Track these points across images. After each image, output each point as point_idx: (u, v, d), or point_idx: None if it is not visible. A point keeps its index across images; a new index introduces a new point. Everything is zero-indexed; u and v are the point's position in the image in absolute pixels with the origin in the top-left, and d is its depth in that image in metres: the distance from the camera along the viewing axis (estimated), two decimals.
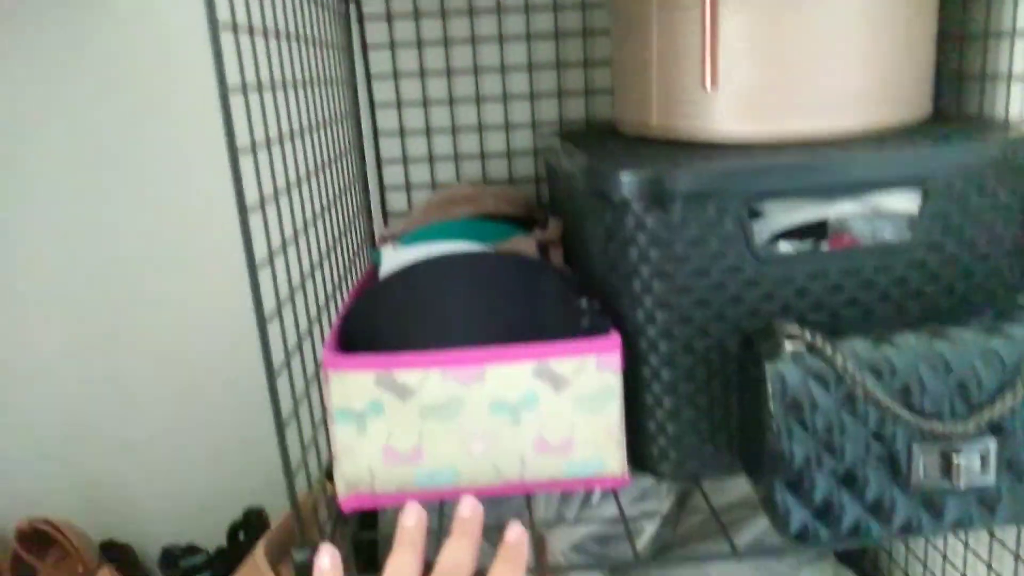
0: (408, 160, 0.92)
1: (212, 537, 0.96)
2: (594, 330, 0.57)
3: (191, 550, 0.94)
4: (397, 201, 0.94)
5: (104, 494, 1.04)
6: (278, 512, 0.95)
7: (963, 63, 0.70)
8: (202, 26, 0.89)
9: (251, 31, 0.47)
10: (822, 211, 0.58)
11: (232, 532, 0.93)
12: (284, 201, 0.53)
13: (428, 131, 0.92)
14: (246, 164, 0.51)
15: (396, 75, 0.90)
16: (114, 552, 1.01)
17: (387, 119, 0.91)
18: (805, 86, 0.58)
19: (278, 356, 0.50)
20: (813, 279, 0.57)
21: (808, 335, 0.52)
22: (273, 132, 0.51)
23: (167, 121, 0.93)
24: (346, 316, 0.58)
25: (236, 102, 0.43)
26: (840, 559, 0.87)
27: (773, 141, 0.60)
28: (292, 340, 0.54)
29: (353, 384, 0.54)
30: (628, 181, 0.54)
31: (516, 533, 0.44)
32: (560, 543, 0.78)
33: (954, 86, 0.72)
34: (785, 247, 0.58)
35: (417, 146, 0.92)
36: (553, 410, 0.56)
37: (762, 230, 0.59)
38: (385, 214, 0.93)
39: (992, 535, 0.71)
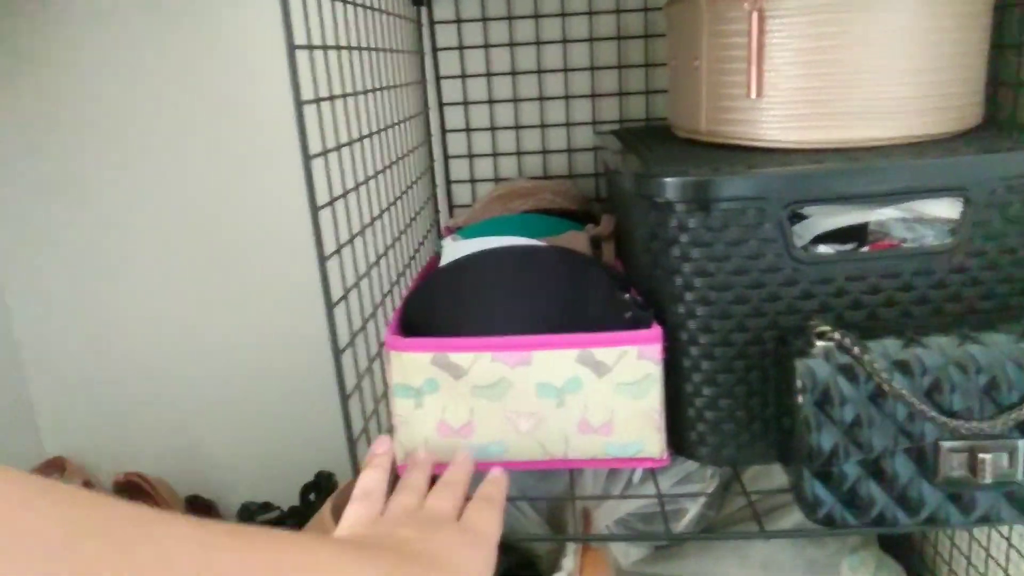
0: (473, 155, 0.97)
1: (286, 497, 1.04)
2: (636, 322, 0.61)
3: (266, 507, 1.02)
4: (462, 193, 0.99)
5: (192, 454, 1.14)
6: (345, 475, 1.03)
7: (1021, 72, 0.71)
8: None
9: (324, 48, 0.52)
10: (863, 215, 0.61)
11: (304, 492, 1.01)
12: (357, 195, 0.59)
13: (493, 128, 0.97)
14: (320, 164, 0.57)
15: (464, 75, 0.95)
16: (198, 506, 1.11)
17: (454, 117, 0.97)
18: (849, 95, 0.60)
19: (344, 338, 0.56)
20: (852, 280, 0.59)
21: (837, 334, 0.55)
22: (349, 133, 0.57)
23: (249, 120, 1.01)
24: (408, 301, 0.64)
25: (311, 111, 0.49)
26: (884, 548, 0.88)
27: (817, 147, 0.62)
28: (357, 323, 0.59)
29: (411, 363, 0.59)
30: (672, 185, 0.58)
31: (496, 473, 0.57)
32: (604, 518, 0.83)
33: (1011, 95, 0.73)
34: (825, 249, 0.61)
35: (482, 142, 0.97)
36: (595, 394, 0.60)
37: (805, 231, 0.61)
38: (451, 205, 0.99)
39: None
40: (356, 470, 0.58)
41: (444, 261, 0.72)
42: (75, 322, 1.10)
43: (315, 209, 0.50)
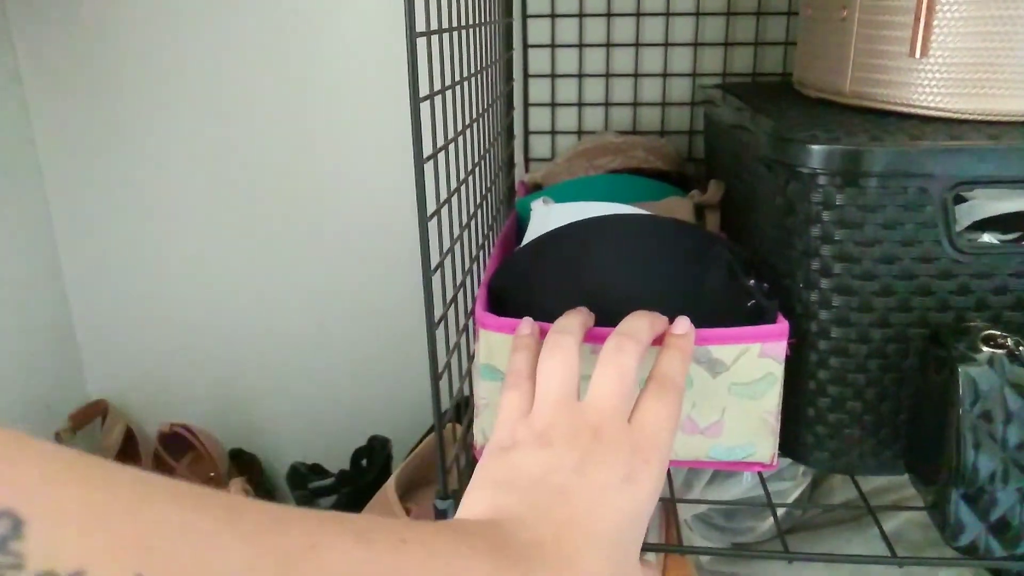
0: (556, 104, 0.89)
1: (336, 459, 0.99)
2: (759, 313, 0.54)
3: (317, 470, 0.97)
4: (540, 146, 0.91)
5: (239, 408, 1.09)
6: (400, 443, 0.97)
7: None
8: None
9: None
10: None
11: (355, 457, 0.96)
12: (455, 147, 0.52)
13: (580, 75, 0.88)
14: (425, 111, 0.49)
15: (553, 15, 0.86)
16: (242, 460, 1.07)
17: (539, 60, 0.88)
18: None
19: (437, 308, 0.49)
20: (1017, 276, 0.51)
21: (1011, 340, 0.47)
22: (452, 76, 0.49)
23: (322, 65, 0.93)
24: (499, 272, 0.57)
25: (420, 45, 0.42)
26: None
27: (985, 119, 0.54)
28: (448, 293, 0.53)
29: (499, 345, 0.52)
30: (821, 152, 0.50)
31: (684, 325, 0.48)
32: (684, 512, 0.77)
33: None
34: (988, 238, 0.53)
35: (567, 90, 0.89)
36: (706, 394, 0.53)
37: (962, 216, 0.53)
38: (527, 158, 0.91)
39: None
40: (444, 452, 0.52)
41: (533, 226, 0.65)
42: (125, 265, 1.04)
43: (420, 162, 0.42)
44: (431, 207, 0.45)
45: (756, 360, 0.52)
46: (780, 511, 0.76)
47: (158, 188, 1.00)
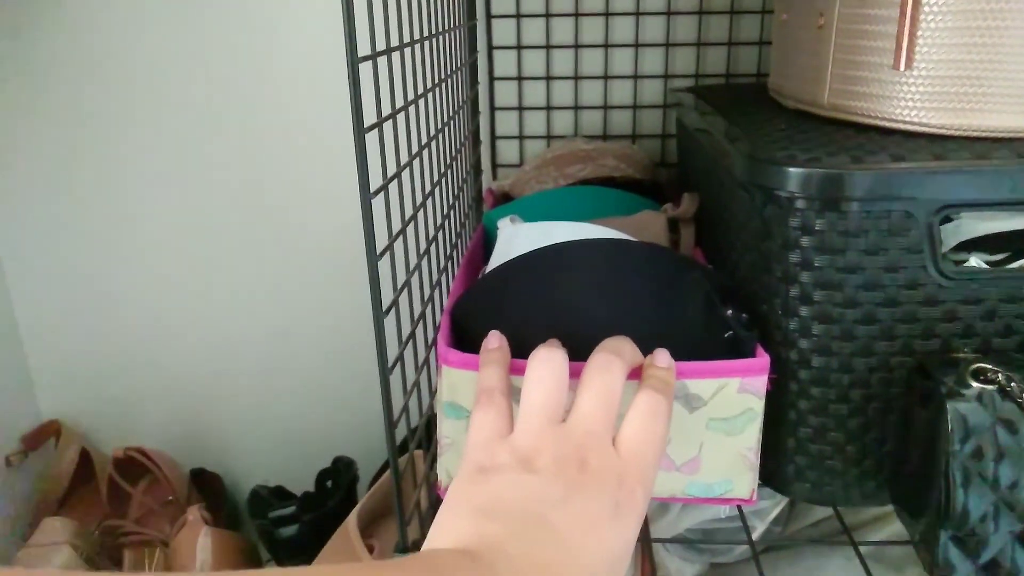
0: (524, 108, 0.85)
1: (299, 480, 0.95)
2: (738, 345, 0.51)
3: (279, 493, 0.93)
4: (508, 151, 0.87)
5: (199, 428, 1.04)
6: (366, 462, 0.94)
7: None
8: None
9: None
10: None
11: (320, 479, 0.92)
12: (410, 172, 0.48)
13: (548, 78, 0.84)
14: (373, 139, 0.46)
15: (519, 15, 0.82)
16: (203, 480, 1.03)
17: (505, 63, 0.84)
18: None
19: (392, 348, 0.46)
20: (1007, 302, 0.49)
21: (1001, 375, 0.44)
22: (404, 96, 0.45)
23: (275, 81, 0.89)
24: (461, 300, 0.53)
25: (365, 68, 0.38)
26: None
27: (970, 135, 0.51)
28: (406, 330, 0.49)
29: (462, 382, 0.49)
30: (800, 176, 0.47)
31: (665, 359, 0.45)
32: (662, 532, 0.74)
33: None
34: (976, 262, 0.50)
35: (535, 93, 0.85)
36: (683, 430, 0.50)
37: (947, 237, 0.51)
38: (495, 165, 0.87)
39: None
40: (402, 504, 0.48)
41: (499, 249, 0.61)
42: (76, 281, 0.99)
43: (367, 197, 0.39)
44: (381, 243, 0.41)
45: (735, 395, 0.49)
46: (759, 528, 0.73)
47: (110, 201, 0.95)
